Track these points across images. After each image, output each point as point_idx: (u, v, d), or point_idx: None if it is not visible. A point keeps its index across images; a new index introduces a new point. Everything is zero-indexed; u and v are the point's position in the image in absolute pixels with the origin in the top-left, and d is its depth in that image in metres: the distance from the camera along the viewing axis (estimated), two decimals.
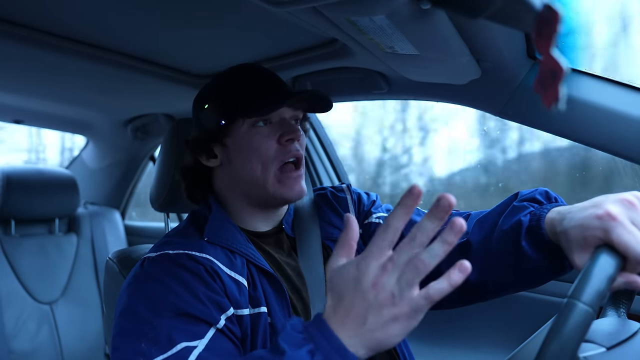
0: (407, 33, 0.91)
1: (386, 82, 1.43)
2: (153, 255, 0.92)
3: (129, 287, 0.89)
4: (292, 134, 0.99)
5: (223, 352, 0.82)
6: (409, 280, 0.60)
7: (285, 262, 1.03)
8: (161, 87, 1.74)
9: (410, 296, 0.60)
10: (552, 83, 0.57)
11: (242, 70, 1.05)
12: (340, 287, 0.65)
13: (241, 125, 0.99)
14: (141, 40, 1.34)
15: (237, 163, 1.00)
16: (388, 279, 0.61)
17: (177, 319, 0.81)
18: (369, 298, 0.61)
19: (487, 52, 1.12)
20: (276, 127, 1.00)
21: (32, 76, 1.63)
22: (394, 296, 0.60)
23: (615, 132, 1.11)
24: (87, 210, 2.54)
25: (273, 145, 0.98)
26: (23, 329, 2.09)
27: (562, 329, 0.58)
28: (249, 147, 0.98)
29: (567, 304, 0.59)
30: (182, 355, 0.77)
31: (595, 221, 0.70)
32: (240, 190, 1.03)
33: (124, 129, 2.43)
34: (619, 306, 0.83)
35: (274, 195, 0.99)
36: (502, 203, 0.97)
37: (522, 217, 0.88)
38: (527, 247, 0.86)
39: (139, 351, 0.78)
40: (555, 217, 0.82)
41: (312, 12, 0.87)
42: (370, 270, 0.62)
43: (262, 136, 0.98)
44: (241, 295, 0.91)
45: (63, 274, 2.29)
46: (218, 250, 0.95)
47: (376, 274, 0.62)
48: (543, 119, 1.21)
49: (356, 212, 1.18)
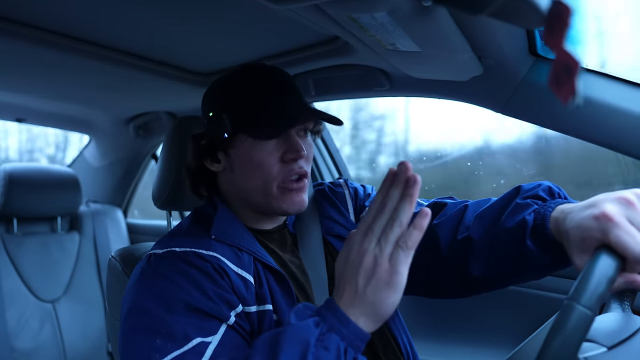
0: (408, 30, 0.91)
1: (388, 79, 1.43)
2: (159, 252, 0.92)
3: (136, 283, 0.89)
4: (296, 153, 0.96)
5: (236, 346, 0.82)
6: (388, 239, 0.70)
7: (290, 260, 1.04)
8: (163, 85, 1.74)
9: (389, 251, 0.70)
10: (568, 78, 0.56)
11: (252, 76, 1.00)
12: (338, 269, 0.75)
13: (245, 140, 0.96)
14: (142, 37, 1.34)
15: (239, 174, 0.99)
16: (369, 243, 0.71)
17: (190, 315, 0.81)
18: (356, 264, 0.71)
19: (489, 49, 1.11)
20: (280, 142, 0.97)
21: (33, 74, 1.63)
22: (376, 256, 0.70)
23: (617, 129, 1.11)
24: (89, 208, 2.54)
25: (276, 163, 0.96)
26: (25, 328, 2.10)
27: (562, 331, 0.58)
28: (251, 162, 0.96)
29: (566, 306, 0.59)
30: (198, 350, 0.77)
31: (592, 222, 0.70)
32: (242, 197, 1.02)
33: (126, 127, 2.44)
34: (623, 300, 0.83)
35: (274, 208, 0.99)
36: (503, 197, 0.96)
37: (526, 215, 0.87)
38: (532, 246, 0.85)
39: (153, 347, 0.78)
40: (559, 216, 0.82)
41: (314, 9, 0.87)
42: (356, 241, 0.73)
43: (266, 153, 0.96)
44: (248, 293, 0.91)
45: (65, 272, 2.30)
46: (225, 248, 0.95)
47: (360, 243, 0.72)
48: (545, 116, 1.21)
49: (354, 206, 1.19)
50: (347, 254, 0.74)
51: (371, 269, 0.70)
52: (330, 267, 1.06)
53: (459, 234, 0.99)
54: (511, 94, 1.24)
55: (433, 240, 1.02)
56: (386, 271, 0.69)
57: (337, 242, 1.10)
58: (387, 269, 0.69)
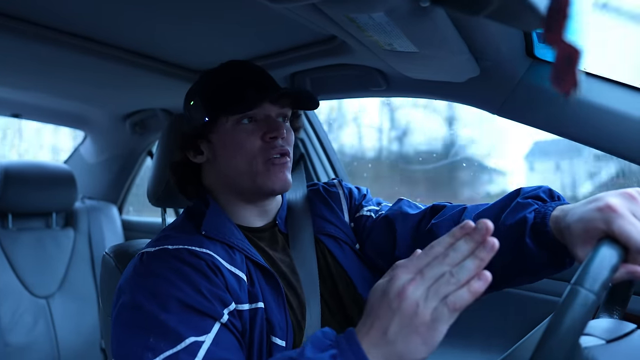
0: (406, 31, 0.91)
1: (385, 80, 1.43)
2: (152, 250, 0.92)
3: (129, 281, 0.88)
4: (276, 132, 0.99)
5: (230, 345, 0.83)
6: (437, 292, 0.63)
7: (280, 259, 1.04)
8: (159, 82, 1.73)
9: (434, 305, 0.63)
10: (569, 68, 0.55)
11: (230, 68, 1.05)
12: (372, 300, 0.68)
13: (225, 122, 0.99)
14: (139, 34, 1.34)
15: (222, 159, 1.01)
16: (414, 290, 0.64)
17: (183, 314, 0.81)
18: (393, 306, 0.64)
19: (486, 51, 1.12)
20: (261, 124, 1.00)
21: (29, 70, 1.62)
22: (418, 305, 0.63)
23: (613, 132, 1.11)
24: (85, 204, 2.53)
25: (257, 142, 0.99)
26: (19, 323, 2.09)
27: (566, 314, 0.58)
28: (233, 144, 0.99)
29: (571, 290, 0.60)
30: (191, 350, 0.77)
31: (596, 213, 0.71)
32: (228, 185, 1.03)
33: (122, 123, 2.43)
34: (613, 312, 0.84)
35: (260, 187, 1.00)
36: (503, 198, 0.97)
37: (527, 214, 0.88)
38: (531, 244, 0.86)
39: (146, 346, 0.78)
40: (559, 214, 0.82)
41: (311, 8, 0.87)
42: (399, 281, 0.65)
43: (247, 133, 0.99)
44: (241, 291, 0.91)
45: (60, 268, 2.29)
46: (217, 246, 0.95)
47: (403, 284, 0.64)
48: (541, 118, 1.21)
49: (348, 206, 1.20)
50: (386, 287, 0.66)
51: (409, 318, 0.63)
52: (321, 266, 1.06)
53: None
54: (508, 95, 1.24)
55: (430, 241, 1.02)
56: (424, 325, 0.62)
57: (329, 240, 1.11)
58: (427, 322, 0.62)
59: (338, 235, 1.12)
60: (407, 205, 1.14)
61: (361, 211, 1.18)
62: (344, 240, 1.12)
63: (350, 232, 1.16)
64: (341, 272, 1.08)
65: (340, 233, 1.13)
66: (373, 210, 1.17)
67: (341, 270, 1.08)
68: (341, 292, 1.05)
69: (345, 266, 1.08)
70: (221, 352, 0.80)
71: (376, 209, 1.18)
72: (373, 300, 0.68)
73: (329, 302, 1.03)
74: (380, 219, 1.13)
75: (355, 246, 1.14)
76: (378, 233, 1.12)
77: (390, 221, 1.10)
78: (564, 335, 0.57)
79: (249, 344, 0.89)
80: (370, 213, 1.16)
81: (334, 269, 1.07)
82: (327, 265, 1.07)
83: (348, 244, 1.12)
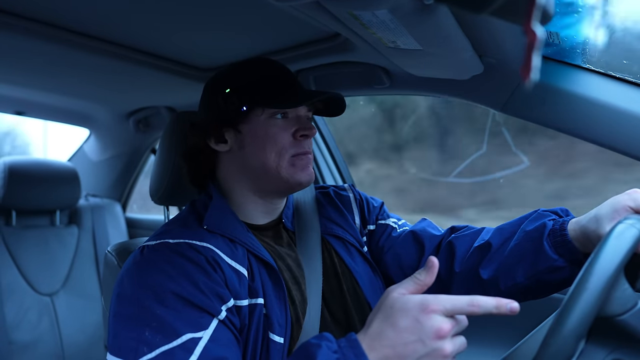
0: (409, 28, 0.91)
1: (388, 77, 1.42)
2: (152, 243, 0.92)
3: (128, 273, 0.88)
4: (308, 131, 1.01)
5: (227, 342, 0.82)
6: (458, 346, 0.69)
7: (286, 253, 1.04)
8: (163, 80, 1.74)
9: (454, 350, 0.68)
10: (527, 55, 0.56)
11: (263, 63, 1.06)
12: (396, 316, 0.68)
13: (260, 115, 1.00)
14: (143, 32, 1.34)
15: (250, 150, 1.01)
16: (451, 340, 0.68)
17: (181, 309, 0.81)
18: (427, 343, 0.66)
19: (490, 48, 1.11)
20: (292, 122, 1.02)
21: (34, 68, 1.63)
22: (446, 356, 0.66)
23: (616, 129, 1.11)
24: (89, 202, 2.54)
25: (288, 138, 1.00)
26: (24, 320, 2.10)
27: (613, 240, 0.68)
28: (265, 136, 0.99)
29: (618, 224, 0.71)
30: (187, 346, 0.77)
31: (624, 196, 0.86)
32: (248, 177, 1.03)
33: (126, 121, 2.43)
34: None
35: (287, 179, 1.00)
36: (524, 215, 1.05)
37: (546, 220, 0.97)
38: (548, 247, 0.93)
39: (142, 339, 0.78)
40: (580, 218, 0.92)
41: (315, 6, 0.87)
42: (436, 320, 0.66)
43: (279, 128, 1.00)
44: (241, 286, 0.91)
45: (64, 266, 2.30)
46: (219, 239, 0.95)
47: (440, 326, 0.66)
48: (545, 115, 1.21)
49: (359, 211, 1.22)
50: (418, 318, 0.67)
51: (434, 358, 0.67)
52: (327, 264, 1.07)
53: (476, 242, 1.06)
54: (511, 92, 1.24)
55: (448, 255, 1.10)
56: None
57: (336, 241, 1.12)
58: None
59: (345, 237, 1.13)
60: (429, 226, 1.20)
61: (386, 220, 1.22)
62: (351, 243, 1.13)
63: (358, 235, 1.17)
64: (347, 273, 1.08)
65: (348, 235, 1.14)
66: (396, 223, 1.22)
67: (347, 271, 1.08)
68: (345, 292, 1.05)
69: (352, 267, 1.09)
70: (218, 349, 0.79)
71: (398, 223, 1.23)
72: (398, 316, 0.68)
73: (330, 300, 1.04)
74: (406, 233, 1.17)
75: (363, 249, 1.15)
76: (403, 246, 1.16)
77: (418, 237, 1.15)
78: (611, 259, 0.65)
79: (246, 340, 0.89)
80: (395, 225, 1.21)
81: (340, 269, 1.08)
82: (332, 264, 1.08)
83: (355, 247, 1.14)
